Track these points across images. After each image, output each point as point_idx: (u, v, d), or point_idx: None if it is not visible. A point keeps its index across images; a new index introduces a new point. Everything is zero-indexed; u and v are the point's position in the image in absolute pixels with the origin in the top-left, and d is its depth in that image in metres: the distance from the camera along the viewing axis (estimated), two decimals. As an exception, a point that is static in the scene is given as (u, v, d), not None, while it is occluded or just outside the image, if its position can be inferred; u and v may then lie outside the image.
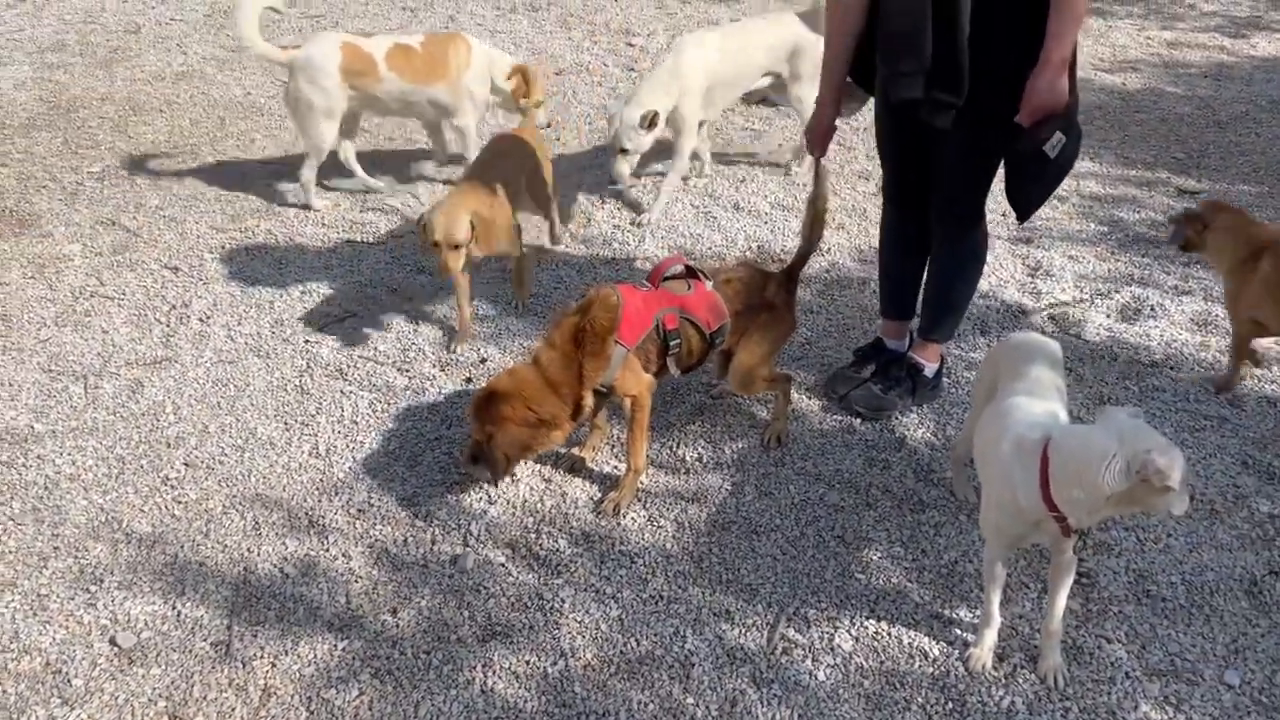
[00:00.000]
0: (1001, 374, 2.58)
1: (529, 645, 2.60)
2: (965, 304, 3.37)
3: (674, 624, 2.65)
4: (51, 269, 4.34)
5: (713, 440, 3.31)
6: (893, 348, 3.49)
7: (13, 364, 3.72)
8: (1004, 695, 2.43)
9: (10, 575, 2.82)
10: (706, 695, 2.45)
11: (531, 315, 3.99)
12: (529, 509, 3.03)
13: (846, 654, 2.56)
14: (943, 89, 2.77)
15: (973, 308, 3.82)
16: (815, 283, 4.14)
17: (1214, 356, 3.62)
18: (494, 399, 2.85)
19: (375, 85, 4.56)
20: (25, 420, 3.43)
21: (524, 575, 2.81)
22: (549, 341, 2.91)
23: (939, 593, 2.72)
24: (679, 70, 4.41)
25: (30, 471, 3.20)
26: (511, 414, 2.84)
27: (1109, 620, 2.61)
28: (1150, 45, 6.83)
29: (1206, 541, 2.85)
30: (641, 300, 2.96)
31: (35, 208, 4.84)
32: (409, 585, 2.78)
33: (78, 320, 3.99)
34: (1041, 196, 3.00)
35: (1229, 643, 2.55)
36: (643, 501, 3.06)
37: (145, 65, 6.68)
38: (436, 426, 3.38)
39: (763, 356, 3.15)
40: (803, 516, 2.99)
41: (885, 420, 3.36)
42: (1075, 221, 4.60)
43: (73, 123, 5.80)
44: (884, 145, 3.26)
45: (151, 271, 4.32)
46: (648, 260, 4.35)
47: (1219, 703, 2.39)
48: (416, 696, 2.47)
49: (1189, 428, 3.28)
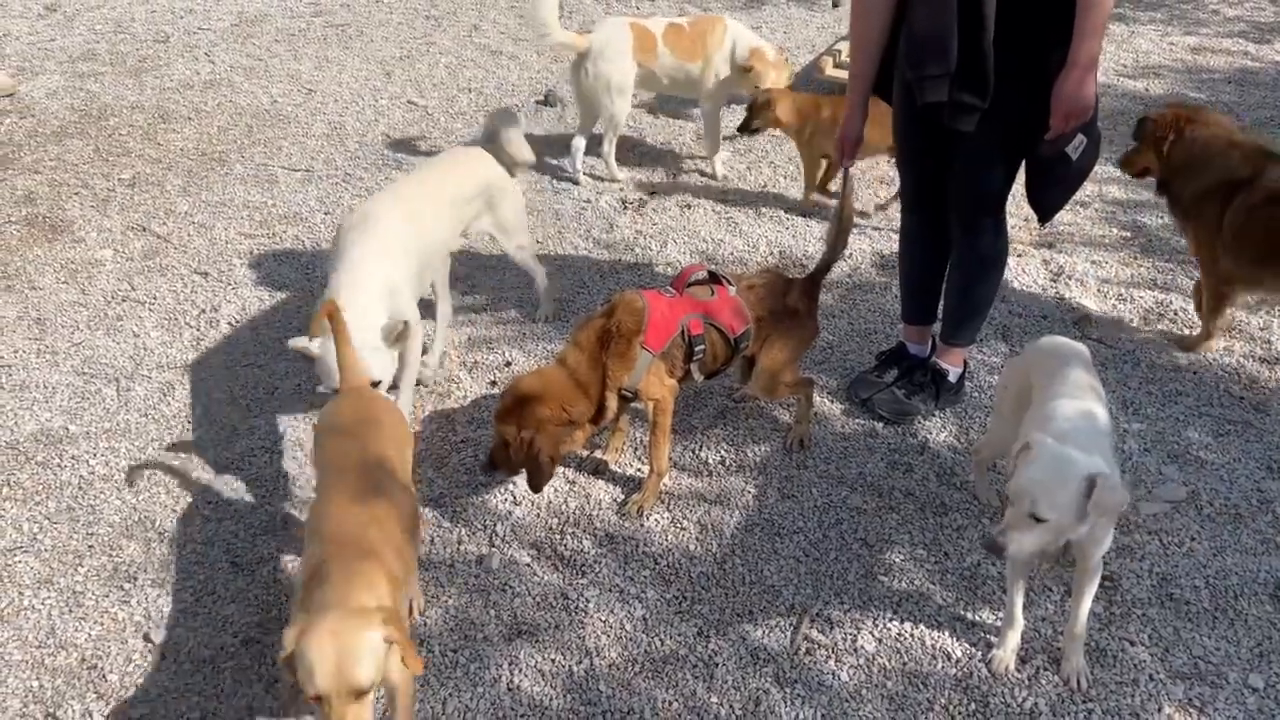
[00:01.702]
0: (1035, 378, 2.58)
1: (554, 644, 2.63)
2: (987, 308, 3.38)
3: (697, 624, 2.67)
4: (84, 274, 4.41)
5: (735, 443, 3.33)
6: (915, 352, 3.50)
7: (47, 367, 3.79)
8: (1027, 696, 2.44)
9: (47, 572, 2.88)
10: (730, 694, 2.48)
11: (555, 320, 4.02)
12: (553, 510, 3.07)
13: (870, 655, 2.57)
14: (968, 91, 2.79)
15: (995, 312, 3.83)
16: (837, 287, 4.16)
17: (1238, 362, 3.61)
18: (528, 401, 2.81)
19: (654, 62, 4.93)
20: (60, 422, 3.50)
21: (549, 575, 2.84)
22: (575, 343, 2.93)
23: (961, 595, 2.73)
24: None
25: (65, 472, 3.26)
26: (549, 415, 2.81)
27: (1132, 623, 2.62)
28: (1173, 50, 6.81)
29: (1231, 545, 2.85)
30: (667, 305, 2.99)
31: (68, 214, 4.92)
32: (436, 584, 2.82)
33: (110, 324, 4.06)
34: (1064, 198, 3.03)
35: (1253, 646, 2.55)
36: (666, 503, 3.08)
37: (174, 74, 6.77)
38: (463, 429, 3.42)
39: (785, 362, 3.17)
40: (825, 519, 3.01)
41: (908, 424, 3.37)
42: (1098, 227, 4.60)
43: (103, 131, 5.89)
44: (903, 150, 3.28)
45: (181, 276, 4.39)
46: (669, 266, 4.38)
47: (1243, 705, 2.40)
48: (444, 694, 2.50)
49: (1212, 432, 3.28)
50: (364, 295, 2.97)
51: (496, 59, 6.94)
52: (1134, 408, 3.40)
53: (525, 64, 6.84)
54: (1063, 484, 2.06)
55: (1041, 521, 2.08)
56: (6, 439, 3.42)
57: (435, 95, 6.33)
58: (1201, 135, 3.47)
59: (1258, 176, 3.33)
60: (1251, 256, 3.37)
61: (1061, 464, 2.10)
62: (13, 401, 3.60)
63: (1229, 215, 3.37)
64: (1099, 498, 2.03)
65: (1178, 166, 3.52)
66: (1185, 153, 3.49)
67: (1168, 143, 3.52)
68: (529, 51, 7.00)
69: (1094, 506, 2.04)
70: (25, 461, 3.31)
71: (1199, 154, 3.46)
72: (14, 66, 6.81)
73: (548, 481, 2.87)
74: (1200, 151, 3.46)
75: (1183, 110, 3.57)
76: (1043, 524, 2.08)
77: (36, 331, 4.01)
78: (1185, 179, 3.50)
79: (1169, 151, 3.53)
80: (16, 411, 3.55)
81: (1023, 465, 2.14)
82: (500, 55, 7.00)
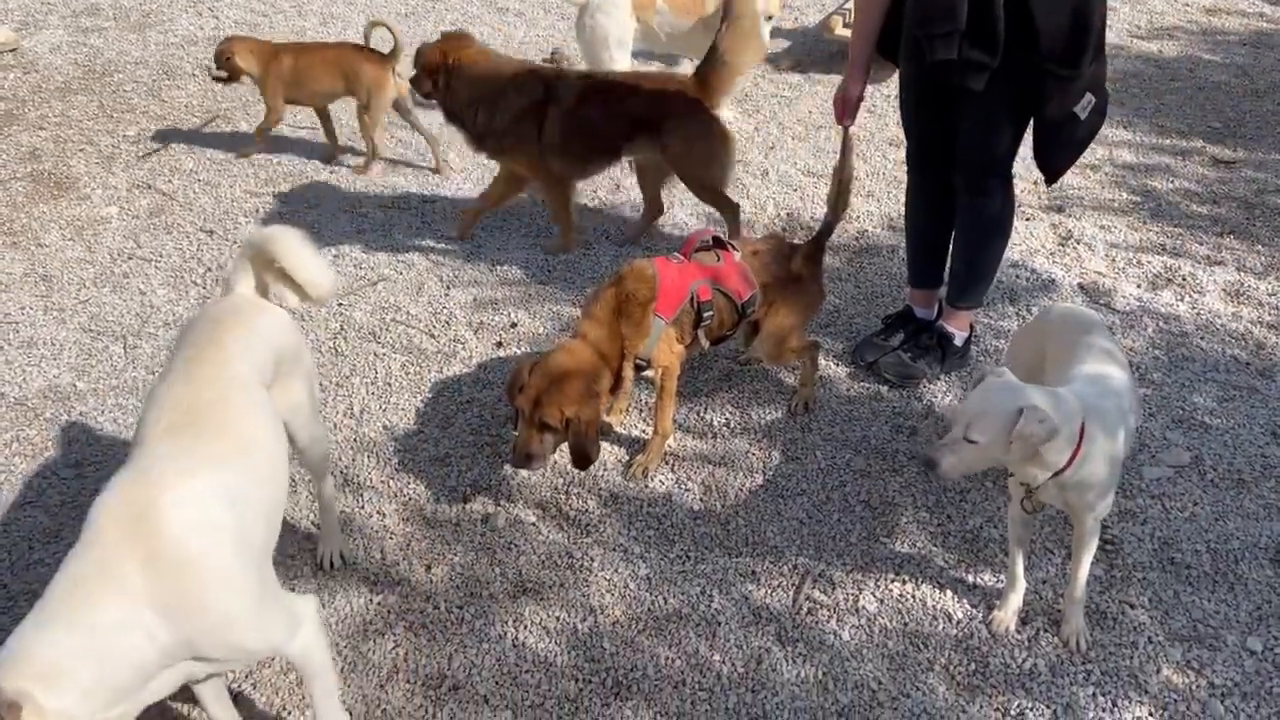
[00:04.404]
0: (1053, 345, 2.58)
1: (559, 601, 2.66)
2: (993, 271, 3.37)
3: (700, 583, 2.70)
4: (90, 231, 4.41)
5: (740, 406, 3.34)
6: (922, 315, 3.50)
7: (54, 323, 3.80)
8: (1026, 657, 2.46)
9: (54, 527, 2.90)
10: (732, 652, 2.50)
11: (561, 281, 4.02)
12: (558, 470, 3.08)
13: (871, 615, 2.60)
14: (978, 48, 2.77)
15: (1002, 276, 3.81)
16: (844, 250, 4.14)
17: (1245, 327, 3.60)
18: (564, 380, 2.75)
19: (653, 17, 4.93)
20: (68, 378, 3.51)
21: (554, 534, 2.87)
22: (590, 316, 2.92)
23: (963, 557, 2.75)
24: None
25: (74, 428, 3.28)
26: (585, 391, 2.77)
27: (1133, 586, 2.64)
28: (1188, 12, 6.72)
29: (1233, 510, 2.86)
30: (676, 272, 2.98)
31: (73, 171, 4.91)
32: (442, 542, 2.84)
33: (116, 281, 4.06)
34: (1071, 158, 3.02)
35: (1253, 610, 2.56)
36: (670, 465, 3.10)
37: (177, 29, 6.72)
38: (469, 389, 3.44)
39: (791, 327, 3.17)
40: (829, 481, 3.02)
41: (913, 388, 3.37)
42: (1107, 190, 4.57)
43: (107, 86, 5.86)
44: (909, 111, 3.26)
45: (187, 234, 4.39)
46: (675, 228, 4.37)
47: (1241, 668, 2.42)
48: (450, 649, 2.53)
49: (1217, 398, 3.28)
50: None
51: (503, 16, 6.87)
52: (1140, 372, 3.40)
53: (532, 21, 6.77)
54: (997, 412, 2.17)
55: (972, 443, 2.18)
56: (15, 395, 3.44)
57: (441, 53, 6.27)
58: (479, 72, 3.91)
59: (552, 89, 3.90)
60: (577, 152, 3.98)
61: (1002, 393, 2.20)
62: (21, 358, 3.62)
63: (548, 128, 3.89)
64: (1022, 427, 2.12)
65: (467, 100, 3.93)
66: (470, 88, 3.91)
67: (443, 79, 3.92)
68: (536, 8, 6.93)
69: (1016, 435, 2.13)
70: (34, 418, 3.33)
71: (489, 89, 3.91)
72: (16, 21, 6.76)
73: (597, 457, 2.85)
74: (490, 86, 3.91)
75: (448, 47, 3.94)
76: (972, 445, 2.19)
77: (43, 288, 4.02)
78: (487, 112, 3.92)
79: (451, 86, 3.93)
80: (24, 368, 3.57)
81: (971, 391, 2.27)
82: (507, 12, 6.93)
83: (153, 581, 1.70)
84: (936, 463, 2.23)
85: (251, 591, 1.85)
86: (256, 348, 2.20)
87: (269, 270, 2.36)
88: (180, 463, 1.85)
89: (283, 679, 2.46)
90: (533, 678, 2.46)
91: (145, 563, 1.70)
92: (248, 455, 1.98)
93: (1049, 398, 2.20)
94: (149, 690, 1.76)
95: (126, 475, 1.83)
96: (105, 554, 1.70)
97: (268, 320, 2.29)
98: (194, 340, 2.15)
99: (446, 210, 4.54)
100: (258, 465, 2.00)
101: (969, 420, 2.19)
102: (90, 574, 1.69)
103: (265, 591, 1.92)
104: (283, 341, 2.31)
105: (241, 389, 2.08)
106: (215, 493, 1.84)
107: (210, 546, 1.78)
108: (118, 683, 1.66)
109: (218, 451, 1.92)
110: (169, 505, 1.76)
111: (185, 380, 2.04)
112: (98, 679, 1.63)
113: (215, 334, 2.16)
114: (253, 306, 2.31)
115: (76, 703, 1.59)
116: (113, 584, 1.68)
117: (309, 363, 2.50)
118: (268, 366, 2.22)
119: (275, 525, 2.06)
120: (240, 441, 1.98)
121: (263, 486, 1.99)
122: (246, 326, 2.22)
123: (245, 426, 2.02)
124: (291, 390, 2.36)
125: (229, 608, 1.80)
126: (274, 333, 2.29)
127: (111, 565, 1.69)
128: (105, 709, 1.65)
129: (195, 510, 1.79)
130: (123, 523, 1.73)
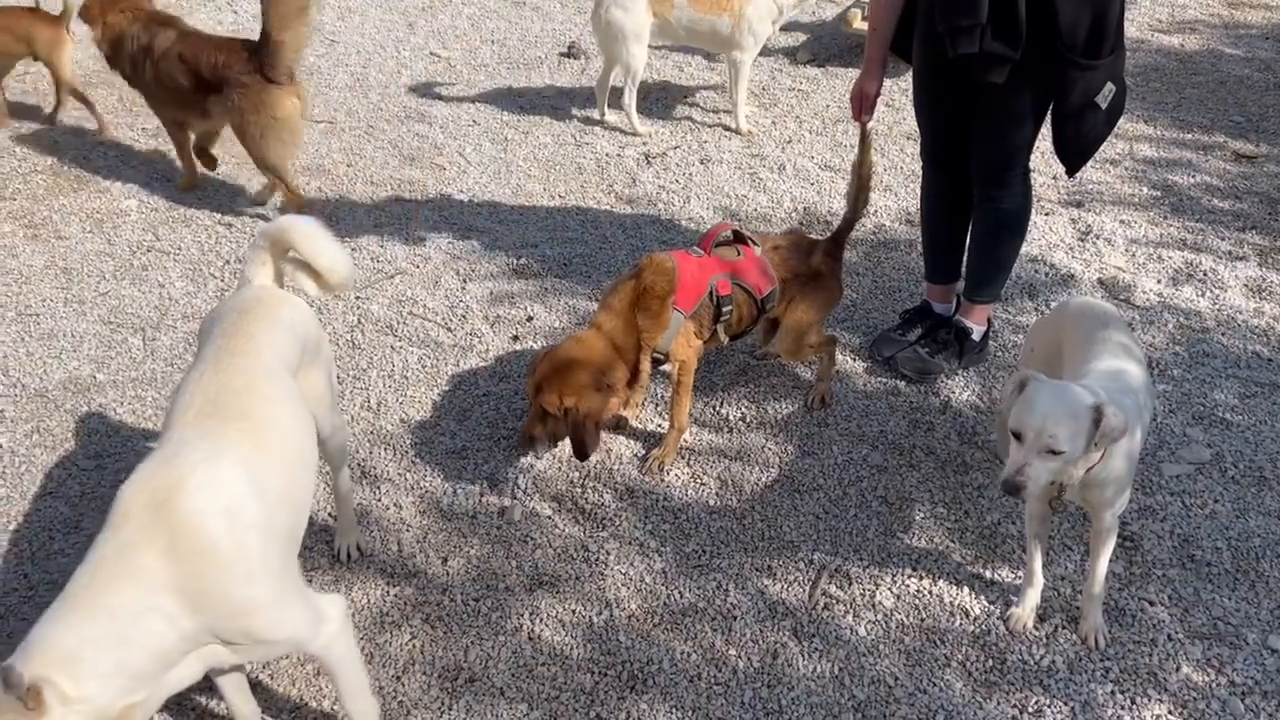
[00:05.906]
0: (1069, 340, 2.56)
1: (575, 595, 2.66)
2: (1010, 265, 3.35)
3: (716, 578, 2.70)
4: (109, 224, 4.44)
5: (757, 400, 3.33)
6: (939, 310, 3.48)
7: (74, 316, 3.83)
8: (1044, 654, 2.45)
9: (75, 517, 2.93)
10: (749, 647, 2.50)
11: (577, 275, 4.02)
12: (574, 464, 3.08)
13: (888, 610, 2.59)
14: (1000, 41, 2.76)
15: (1021, 271, 3.79)
16: (861, 245, 4.13)
17: (1267, 324, 3.57)
18: (567, 368, 2.78)
19: (670, 12, 4.89)
20: (88, 370, 3.54)
21: (570, 528, 2.87)
22: (608, 307, 2.92)
23: (980, 553, 2.74)
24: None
25: (93, 420, 3.30)
26: (589, 381, 2.78)
27: (1152, 583, 2.62)
28: (1209, 5, 6.65)
29: (1254, 508, 2.84)
30: (696, 266, 2.97)
31: (92, 164, 4.93)
32: (459, 535, 2.85)
33: (136, 274, 4.08)
34: (1091, 149, 3.00)
35: (1274, 608, 2.54)
36: (686, 459, 3.10)
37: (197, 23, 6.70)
38: (485, 382, 3.44)
39: (810, 324, 3.16)
40: (846, 476, 3.01)
41: (930, 383, 3.36)
42: (1127, 185, 4.53)
43: (127, 80, 5.88)
44: (924, 107, 3.24)
45: (205, 227, 4.41)
46: (692, 221, 4.36)
47: (1262, 667, 2.40)
48: (466, 641, 2.54)
49: (1238, 394, 3.25)
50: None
51: (520, 10, 6.87)
52: (1160, 368, 3.38)
53: (549, 15, 6.76)
54: (1075, 416, 2.07)
55: (1057, 454, 2.08)
56: (36, 386, 3.46)
57: (458, 47, 6.28)
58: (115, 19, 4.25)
59: (154, 37, 4.19)
60: (175, 101, 4.25)
61: (1065, 397, 2.10)
62: (41, 349, 3.64)
63: (149, 72, 4.20)
64: (1106, 425, 2.04)
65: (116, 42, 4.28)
66: (114, 32, 4.27)
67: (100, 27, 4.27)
68: (553, 2, 6.92)
69: (1101, 435, 2.06)
70: (54, 409, 3.36)
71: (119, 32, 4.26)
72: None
73: (596, 449, 2.86)
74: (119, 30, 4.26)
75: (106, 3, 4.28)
76: (1057, 456, 2.08)
77: (64, 281, 4.04)
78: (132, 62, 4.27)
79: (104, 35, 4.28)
80: (45, 360, 3.59)
81: (1024, 401, 2.13)
82: (524, 6, 6.93)
83: (173, 566, 1.70)
84: (1022, 486, 2.09)
85: (274, 579, 1.85)
86: (283, 337, 2.21)
87: (286, 259, 2.37)
88: (205, 449, 1.86)
89: (300, 669, 2.47)
90: (548, 670, 2.47)
91: (166, 548, 1.70)
92: (275, 443, 1.98)
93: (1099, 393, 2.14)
94: (173, 677, 1.77)
95: (152, 461, 1.84)
96: (127, 539, 1.71)
97: (291, 310, 2.30)
98: (222, 331, 2.15)
99: (463, 204, 4.55)
100: (286, 453, 2.00)
101: (1043, 431, 2.06)
102: (111, 560, 1.69)
103: (288, 582, 1.92)
104: (306, 331, 2.32)
105: (270, 378, 2.08)
106: (240, 479, 1.84)
107: (232, 532, 1.78)
108: (139, 668, 1.67)
109: (244, 438, 1.92)
110: (191, 490, 1.76)
111: (215, 370, 2.04)
112: (118, 664, 1.64)
113: (242, 324, 2.16)
114: (276, 297, 2.31)
115: (98, 689, 1.60)
116: (133, 569, 1.69)
117: (328, 353, 2.51)
118: (294, 356, 2.23)
119: (303, 515, 2.07)
120: (268, 429, 1.98)
121: (290, 475, 1.99)
122: (272, 316, 2.22)
123: (274, 414, 2.02)
124: (312, 380, 2.36)
125: (250, 594, 1.80)
126: (297, 322, 2.29)
127: (132, 550, 1.70)
128: (127, 695, 1.66)
129: (218, 496, 1.79)
130: (146, 508, 1.73)
